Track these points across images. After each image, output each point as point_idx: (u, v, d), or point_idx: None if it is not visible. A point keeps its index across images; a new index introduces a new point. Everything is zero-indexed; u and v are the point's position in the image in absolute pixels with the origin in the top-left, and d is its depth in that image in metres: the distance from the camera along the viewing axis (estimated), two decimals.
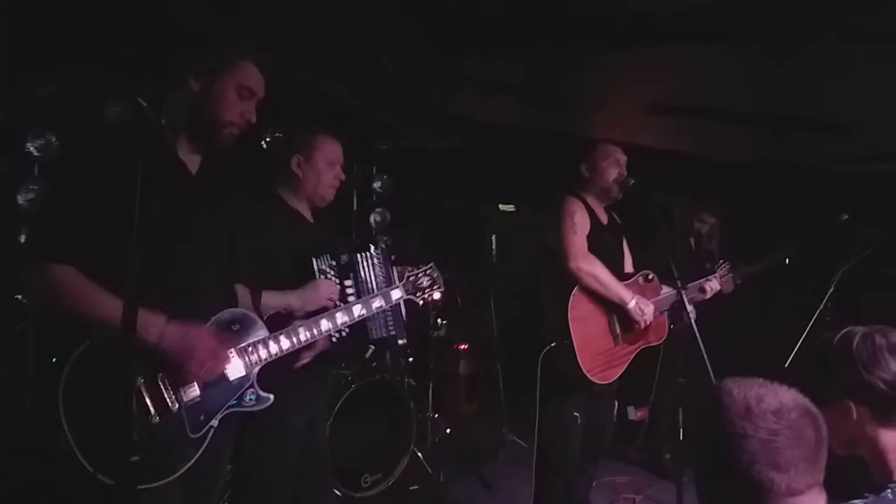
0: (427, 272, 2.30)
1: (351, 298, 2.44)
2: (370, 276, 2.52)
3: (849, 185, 5.38)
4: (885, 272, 3.95)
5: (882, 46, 2.97)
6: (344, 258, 2.44)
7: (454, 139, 5.09)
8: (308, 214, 2.62)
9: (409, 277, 2.25)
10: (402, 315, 2.58)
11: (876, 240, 3.92)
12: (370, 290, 2.48)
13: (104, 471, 1.60)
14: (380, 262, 2.55)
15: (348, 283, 2.49)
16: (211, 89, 1.81)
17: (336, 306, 2.35)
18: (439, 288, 2.32)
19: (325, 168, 2.56)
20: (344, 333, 2.42)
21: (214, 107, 1.82)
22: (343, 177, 2.62)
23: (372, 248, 2.56)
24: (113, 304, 1.65)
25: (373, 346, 2.57)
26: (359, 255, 2.51)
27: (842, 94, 3.62)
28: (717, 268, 3.49)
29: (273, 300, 2.26)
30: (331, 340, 2.37)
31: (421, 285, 2.28)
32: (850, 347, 1.40)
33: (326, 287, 2.40)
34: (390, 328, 2.54)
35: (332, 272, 2.46)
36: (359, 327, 2.44)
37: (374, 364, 4.15)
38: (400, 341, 2.58)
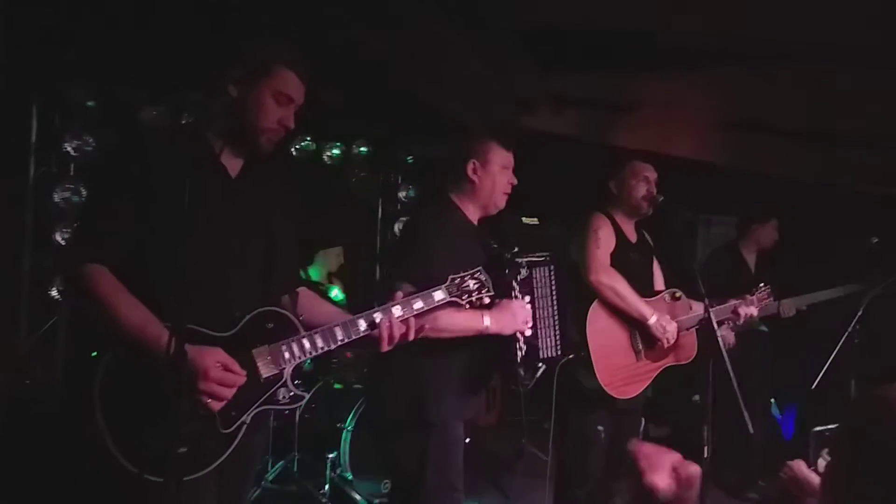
0: (475, 275, 2.15)
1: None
2: (547, 293, 2.48)
3: (878, 207, 5.33)
4: None
5: None
6: (524, 272, 2.37)
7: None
8: (476, 220, 2.58)
9: (453, 280, 2.12)
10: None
11: None
12: (546, 309, 2.45)
13: (141, 464, 1.64)
14: (552, 279, 2.51)
15: (527, 300, 2.43)
16: (248, 96, 1.84)
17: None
18: (489, 292, 2.16)
19: (500, 173, 2.53)
20: (524, 351, 2.41)
21: (252, 113, 1.85)
22: (515, 181, 2.56)
23: (548, 262, 2.51)
24: (136, 312, 1.69)
25: (543, 365, 2.50)
26: (539, 270, 2.47)
27: (879, 114, 3.65)
28: (756, 291, 3.41)
29: (464, 321, 2.24)
30: (518, 356, 2.38)
31: (467, 288, 2.13)
32: None
33: (523, 312, 2.37)
34: (559, 348, 2.50)
35: (517, 288, 2.40)
36: (533, 345, 2.43)
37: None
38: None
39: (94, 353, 1.72)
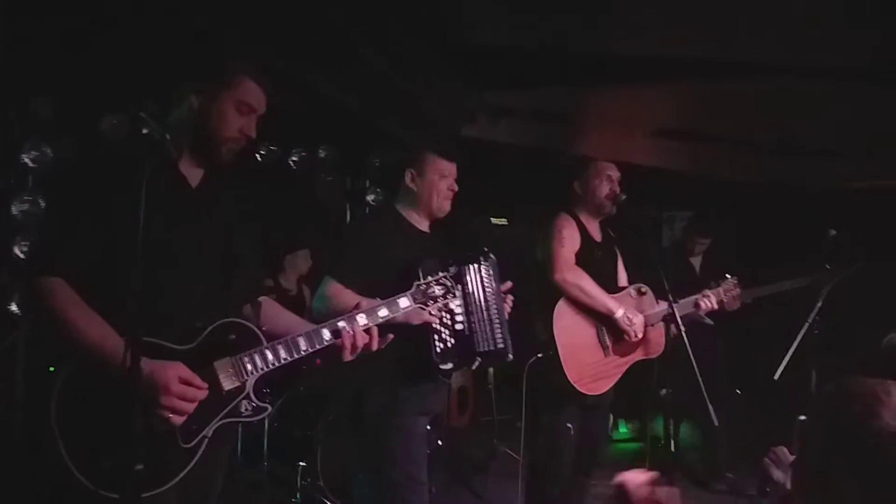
0: (440, 280, 2.17)
1: (458, 310, 2.48)
2: (478, 288, 2.55)
3: (836, 201, 5.47)
4: (870, 285, 4.00)
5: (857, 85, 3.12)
6: (452, 269, 2.41)
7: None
8: (424, 226, 2.70)
9: (419, 286, 2.14)
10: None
11: (862, 255, 3.97)
12: (479, 304, 2.52)
13: (100, 482, 1.62)
14: (489, 276, 2.58)
15: (457, 293, 2.45)
16: (211, 106, 1.84)
17: (450, 321, 2.45)
18: (454, 297, 2.21)
19: (438, 181, 2.64)
20: (450, 344, 2.47)
21: (214, 123, 1.84)
22: (456, 188, 2.68)
23: (483, 260, 2.58)
24: (94, 326, 1.67)
25: (479, 359, 2.56)
26: (469, 267, 2.54)
27: (829, 121, 3.76)
28: (720, 284, 3.50)
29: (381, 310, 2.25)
30: (436, 350, 2.44)
31: (433, 294, 2.15)
32: None
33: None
34: (498, 341, 2.56)
35: None
36: (465, 338, 2.50)
37: None
38: (509, 356, 2.61)
39: (52, 368, 1.69)
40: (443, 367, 2.48)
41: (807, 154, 4.35)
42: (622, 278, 3.35)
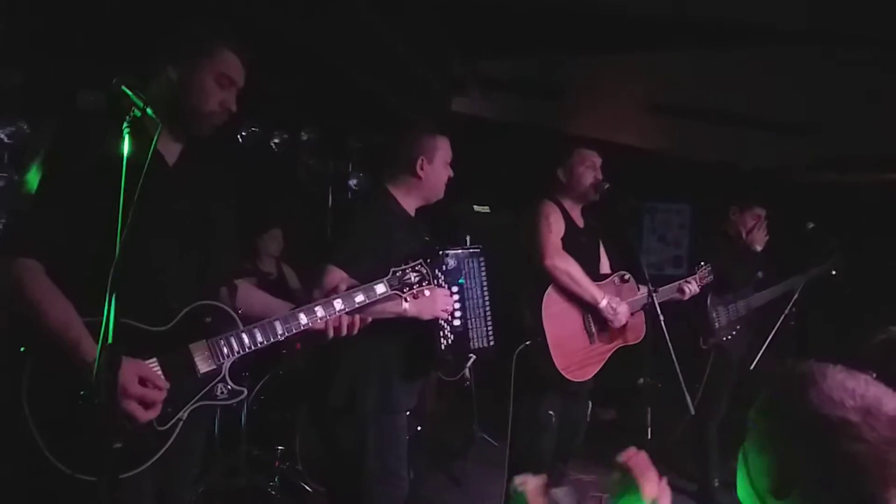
0: (416, 268, 2.15)
1: (456, 306, 2.46)
2: (475, 283, 2.53)
3: (814, 193, 5.52)
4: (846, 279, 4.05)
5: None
6: (451, 262, 2.40)
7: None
8: (412, 210, 2.62)
9: (395, 273, 2.11)
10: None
11: (837, 247, 4.01)
12: (475, 300, 2.50)
13: (72, 463, 1.59)
14: (480, 268, 2.56)
15: (455, 289, 2.49)
16: (189, 78, 1.77)
17: (450, 318, 2.42)
18: (429, 284, 2.18)
19: (443, 169, 2.59)
20: (450, 341, 2.46)
21: (193, 96, 1.78)
22: (452, 174, 2.62)
23: (478, 254, 2.55)
24: (63, 314, 1.61)
25: (473, 356, 2.56)
26: (465, 262, 2.52)
27: (807, 96, 3.75)
28: (697, 269, 3.49)
29: (388, 306, 2.20)
30: (440, 347, 2.42)
31: (408, 281, 2.13)
32: None
33: (444, 299, 2.41)
34: (490, 338, 2.55)
35: (442, 277, 2.43)
36: (461, 335, 2.48)
37: None
38: (493, 354, 2.59)
39: (23, 349, 1.65)
40: (447, 363, 2.49)
41: (799, 132, 4.33)
42: (605, 265, 3.36)
